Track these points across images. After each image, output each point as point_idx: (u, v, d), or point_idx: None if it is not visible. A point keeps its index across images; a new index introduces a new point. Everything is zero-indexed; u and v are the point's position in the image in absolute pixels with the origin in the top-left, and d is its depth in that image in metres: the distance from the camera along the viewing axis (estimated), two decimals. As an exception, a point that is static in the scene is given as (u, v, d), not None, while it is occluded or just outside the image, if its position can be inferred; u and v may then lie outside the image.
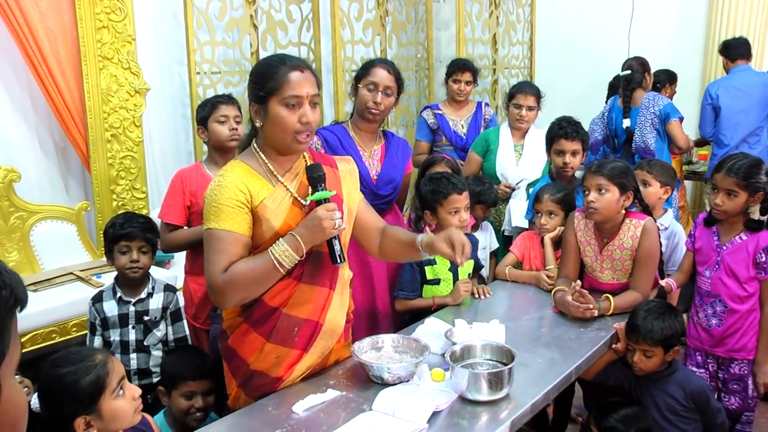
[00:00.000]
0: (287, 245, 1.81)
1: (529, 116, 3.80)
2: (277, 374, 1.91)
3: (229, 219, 1.82)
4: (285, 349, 1.90)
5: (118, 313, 2.54)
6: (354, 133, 2.87)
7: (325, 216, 1.81)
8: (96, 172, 3.67)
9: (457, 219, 2.63)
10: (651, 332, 2.26)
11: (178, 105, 4.51)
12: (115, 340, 2.54)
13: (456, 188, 2.64)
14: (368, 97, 2.76)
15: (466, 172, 3.76)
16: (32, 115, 3.78)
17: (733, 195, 2.51)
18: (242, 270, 1.80)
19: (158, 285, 2.61)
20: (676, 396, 2.34)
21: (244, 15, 4.33)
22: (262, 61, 1.98)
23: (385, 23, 5.17)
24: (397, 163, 2.90)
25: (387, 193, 2.85)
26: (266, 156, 1.91)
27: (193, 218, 2.77)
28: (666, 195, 3.05)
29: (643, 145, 4.30)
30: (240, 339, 1.94)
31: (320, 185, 1.88)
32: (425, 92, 5.72)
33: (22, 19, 3.37)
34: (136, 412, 1.71)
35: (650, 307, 2.35)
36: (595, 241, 2.63)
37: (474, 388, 1.78)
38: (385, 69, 2.78)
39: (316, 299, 1.92)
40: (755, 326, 2.59)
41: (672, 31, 5.95)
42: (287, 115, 1.82)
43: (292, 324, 1.90)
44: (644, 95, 4.37)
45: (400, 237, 2.07)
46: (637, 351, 2.30)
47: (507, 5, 5.97)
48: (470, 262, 2.78)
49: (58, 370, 1.64)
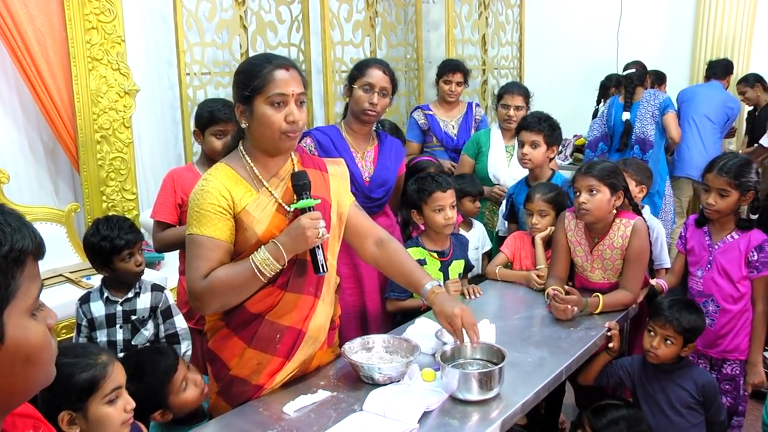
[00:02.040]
0: (268, 254, 1.78)
1: (518, 116, 3.79)
2: (257, 382, 1.88)
3: (210, 225, 1.80)
4: (266, 356, 1.88)
5: (105, 313, 2.53)
6: (347, 135, 2.83)
7: (309, 225, 1.79)
8: (85, 174, 3.66)
9: (441, 217, 2.65)
10: (678, 320, 2.28)
11: (167, 106, 4.50)
12: (102, 340, 2.53)
13: (440, 186, 2.65)
14: (364, 98, 2.72)
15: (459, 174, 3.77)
16: (21, 117, 3.77)
17: (725, 194, 2.54)
18: (222, 277, 1.78)
19: (145, 285, 2.60)
20: (689, 389, 2.35)
21: (234, 16, 4.33)
22: (246, 60, 1.95)
23: (374, 24, 5.18)
24: (390, 165, 2.88)
25: (379, 196, 2.84)
26: (253, 159, 1.89)
27: (184, 216, 2.77)
28: (641, 194, 3.08)
29: (643, 136, 4.51)
30: (221, 343, 1.93)
31: (305, 193, 1.85)
32: (415, 93, 5.73)
33: (10, 20, 3.35)
34: (125, 424, 1.67)
35: (678, 299, 2.40)
36: (585, 241, 2.64)
37: (464, 388, 1.79)
38: (381, 69, 2.75)
39: (301, 307, 1.90)
40: (747, 326, 2.60)
41: (660, 31, 6.00)
42: (273, 113, 1.79)
43: (275, 331, 1.88)
44: (645, 91, 4.60)
45: (404, 268, 2.07)
46: (659, 336, 2.32)
47: (496, 6, 5.99)
48: (460, 261, 2.80)
49: (60, 358, 1.63)
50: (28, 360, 0.86)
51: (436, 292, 1.98)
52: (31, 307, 0.87)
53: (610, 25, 6.04)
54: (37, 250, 0.88)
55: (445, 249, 2.75)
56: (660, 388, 2.38)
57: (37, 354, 0.88)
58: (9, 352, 0.84)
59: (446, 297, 1.99)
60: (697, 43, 5.78)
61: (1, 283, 0.82)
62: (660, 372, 2.39)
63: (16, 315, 0.84)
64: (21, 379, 0.87)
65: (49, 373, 0.92)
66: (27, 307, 0.86)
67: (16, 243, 0.83)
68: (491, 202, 3.74)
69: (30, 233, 0.86)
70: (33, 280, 0.87)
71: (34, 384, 0.90)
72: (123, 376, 1.71)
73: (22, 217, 0.88)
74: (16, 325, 0.84)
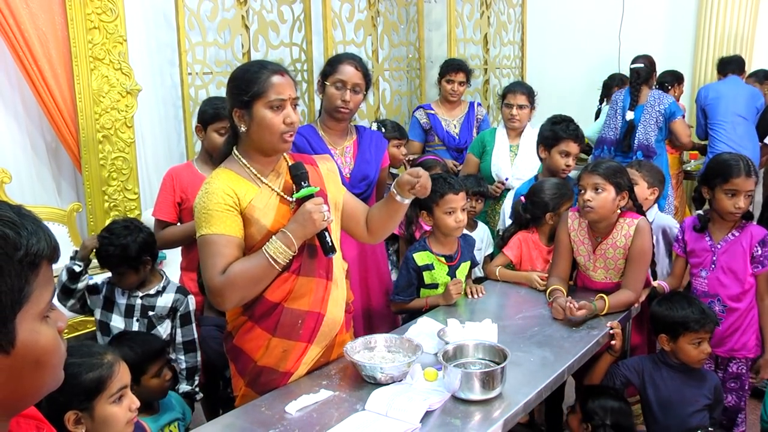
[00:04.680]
0: (280, 242, 1.86)
1: (521, 115, 3.80)
2: (285, 368, 1.95)
3: (220, 223, 1.87)
4: (291, 342, 1.95)
5: (126, 303, 2.54)
6: (323, 132, 2.80)
7: (314, 209, 1.88)
8: (87, 173, 3.66)
9: (452, 219, 2.62)
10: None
11: (170, 106, 4.50)
12: (119, 327, 2.53)
13: (453, 188, 2.62)
14: (336, 95, 2.69)
15: (464, 173, 3.77)
16: (23, 116, 3.77)
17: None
18: (239, 270, 1.85)
19: (171, 285, 2.61)
20: (704, 391, 2.39)
21: (236, 16, 4.33)
22: (241, 67, 2.03)
23: (376, 24, 5.18)
24: (370, 159, 2.84)
25: (360, 191, 2.79)
26: (249, 159, 1.97)
27: (184, 215, 2.78)
28: (652, 196, 3.05)
29: (645, 143, 4.38)
30: (245, 337, 1.98)
31: (304, 182, 1.93)
32: (417, 92, 5.73)
33: (12, 20, 3.35)
34: (129, 424, 1.69)
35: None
36: (588, 241, 2.64)
37: (467, 388, 1.79)
38: (353, 65, 2.70)
39: (315, 290, 1.97)
40: (754, 324, 2.61)
41: (662, 30, 5.99)
42: (272, 117, 1.89)
43: (295, 317, 1.95)
44: (650, 93, 4.45)
45: (379, 204, 2.18)
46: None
47: (498, 5, 5.99)
48: (467, 263, 2.78)
49: (66, 358, 1.64)
50: (38, 364, 0.86)
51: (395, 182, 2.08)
52: (44, 311, 0.86)
53: (612, 24, 6.04)
54: (52, 254, 0.87)
55: (453, 252, 2.71)
56: (675, 389, 2.39)
57: (48, 358, 0.87)
58: (20, 356, 0.83)
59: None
60: (699, 40, 5.78)
61: (15, 287, 0.81)
62: (677, 373, 2.40)
63: (28, 319, 0.83)
64: (30, 383, 0.86)
65: (58, 377, 0.91)
66: (40, 312, 0.85)
67: (31, 247, 0.82)
68: (493, 201, 3.73)
69: (46, 236, 0.85)
70: (47, 284, 0.86)
71: (43, 387, 0.89)
72: (128, 375, 1.72)
73: (39, 219, 0.87)
74: (28, 329, 0.83)
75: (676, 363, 2.39)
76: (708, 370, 2.51)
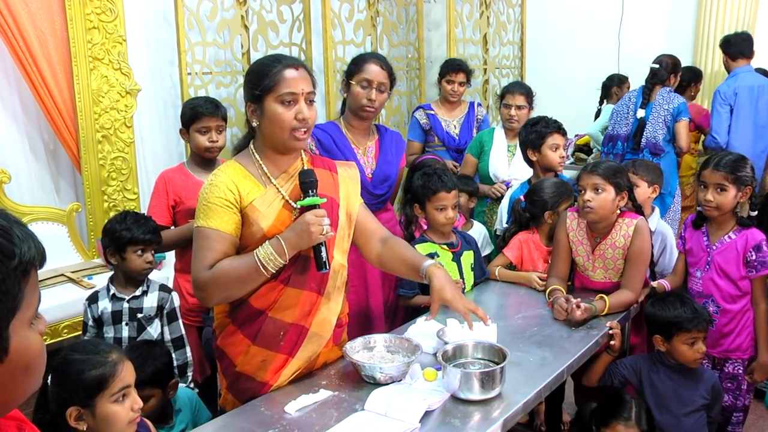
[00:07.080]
0: (272, 248, 1.81)
1: (520, 115, 3.80)
2: (263, 378, 1.90)
3: (217, 218, 1.84)
4: (271, 352, 1.90)
5: (111, 309, 2.54)
6: (347, 131, 2.82)
7: (314, 221, 1.81)
8: (87, 173, 3.66)
9: (443, 216, 2.69)
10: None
11: (169, 106, 4.50)
12: (108, 337, 2.54)
13: (445, 186, 2.68)
14: (362, 94, 2.70)
15: (462, 174, 3.77)
16: (22, 116, 3.77)
17: (723, 190, 2.54)
18: (226, 268, 1.82)
19: (153, 284, 2.62)
20: (701, 390, 2.38)
21: (235, 16, 4.33)
22: (257, 61, 1.99)
23: (376, 24, 5.17)
24: (392, 159, 2.87)
25: (382, 192, 2.84)
26: (263, 157, 1.93)
27: (178, 217, 2.78)
28: (654, 194, 3.05)
29: (654, 141, 4.37)
30: (227, 339, 1.95)
31: (311, 191, 1.87)
32: (416, 92, 5.73)
33: (11, 20, 3.35)
34: (131, 424, 1.69)
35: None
36: (587, 241, 2.64)
37: (466, 388, 1.79)
38: (378, 65, 2.72)
39: (303, 304, 1.92)
40: (749, 326, 2.61)
41: (662, 30, 5.98)
42: (283, 112, 1.84)
43: (278, 328, 1.90)
44: (659, 91, 4.42)
45: (404, 255, 2.07)
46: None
47: (497, 5, 5.99)
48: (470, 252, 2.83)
49: (71, 354, 1.68)
50: (27, 369, 0.86)
51: (436, 266, 2.00)
52: (32, 316, 0.86)
53: (611, 24, 6.03)
54: (40, 260, 0.87)
55: (453, 241, 2.79)
56: (672, 388, 2.39)
57: (36, 363, 0.88)
58: (12, 363, 0.83)
59: (444, 275, 1.98)
60: (699, 40, 5.76)
61: (10, 295, 0.81)
62: (674, 372, 2.40)
63: (19, 326, 0.84)
64: (21, 388, 0.87)
65: (39, 380, 0.92)
66: (29, 318, 0.85)
67: (24, 255, 0.82)
68: (491, 201, 3.73)
69: (34, 243, 0.85)
70: (34, 289, 0.87)
71: (28, 391, 0.90)
72: (132, 375, 1.72)
73: (23, 223, 0.87)
74: (20, 336, 0.84)
75: (673, 363, 2.39)
76: (707, 369, 2.51)
